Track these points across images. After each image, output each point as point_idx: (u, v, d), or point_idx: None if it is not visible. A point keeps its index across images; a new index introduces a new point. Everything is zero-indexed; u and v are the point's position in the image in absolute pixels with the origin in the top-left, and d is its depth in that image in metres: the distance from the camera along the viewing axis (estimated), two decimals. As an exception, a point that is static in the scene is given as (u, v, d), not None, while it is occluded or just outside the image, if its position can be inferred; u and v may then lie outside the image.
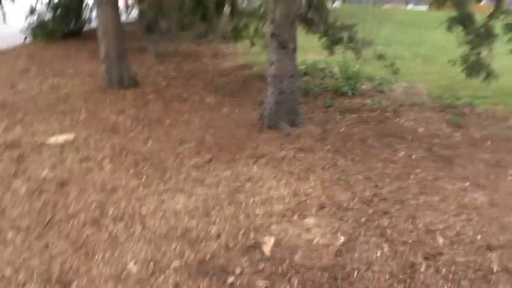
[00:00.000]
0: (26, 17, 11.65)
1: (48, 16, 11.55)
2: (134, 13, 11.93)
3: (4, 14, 10.06)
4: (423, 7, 24.68)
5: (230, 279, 2.74)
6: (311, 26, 6.74)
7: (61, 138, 4.99)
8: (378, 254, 3.02)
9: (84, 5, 11.73)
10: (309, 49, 9.73)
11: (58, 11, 11.35)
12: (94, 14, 8.94)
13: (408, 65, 8.99)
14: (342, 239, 3.15)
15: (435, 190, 3.99)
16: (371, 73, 7.85)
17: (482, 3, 6.31)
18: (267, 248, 3.00)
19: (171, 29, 9.22)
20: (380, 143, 5.12)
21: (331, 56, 7.25)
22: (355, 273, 2.81)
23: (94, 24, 8.48)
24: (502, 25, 5.68)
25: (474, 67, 5.96)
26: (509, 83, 7.50)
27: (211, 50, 10.44)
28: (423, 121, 5.84)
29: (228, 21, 7.98)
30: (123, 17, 11.15)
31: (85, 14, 12.13)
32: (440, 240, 3.20)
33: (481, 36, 5.79)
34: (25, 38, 11.44)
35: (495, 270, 2.87)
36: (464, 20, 5.80)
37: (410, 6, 36.95)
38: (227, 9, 7.43)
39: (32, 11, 11.61)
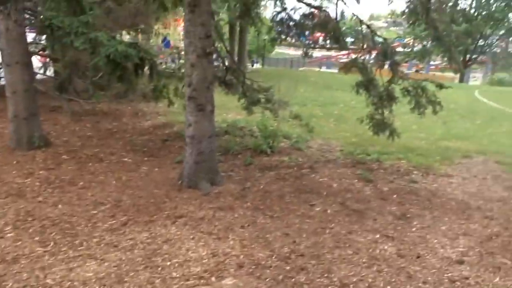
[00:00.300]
0: None
1: None
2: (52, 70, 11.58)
3: None
4: (335, 70, 26.82)
5: None
6: (230, 88, 7.01)
7: (-44, 205, 4.54)
8: (295, 311, 3.05)
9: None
10: (230, 108, 10.04)
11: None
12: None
13: (322, 124, 9.58)
14: (259, 298, 3.15)
15: (348, 243, 4.18)
16: (289, 131, 8.23)
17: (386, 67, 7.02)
18: (183, 314, 2.90)
19: (88, 89, 9.06)
20: (297, 199, 5.30)
21: (251, 116, 7.53)
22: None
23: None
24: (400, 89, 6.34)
25: (379, 125, 6.52)
26: (411, 140, 8.28)
27: (131, 109, 10.35)
28: (337, 176, 6.17)
29: (148, 81, 8.03)
30: (39, 75, 10.77)
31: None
32: (354, 293, 3.31)
33: (383, 99, 6.40)
34: None
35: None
36: (367, 84, 6.39)
37: (323, 68, 40.07)
38: (146, 70, 7.49)
39: None
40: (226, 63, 7.12)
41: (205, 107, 5.24)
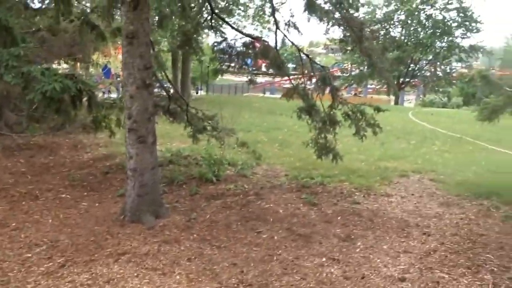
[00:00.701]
0: None
1: None
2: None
3: None
4: (278, 95, 27.45)
5: None
6: (174, 117, 6.93)
7: None
8: None
9: None
10: (175, 137, 9.94)
11: None
12: None
13: (267, 149, 9.69)
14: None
15: (296, 269, 4.21)
16: (234, 158, 8.25)
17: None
18: None
19: (21, 121, 8.61)
20: (244, 227, 5.28)
21: (196, 144, 7.47)
22: None
23: None
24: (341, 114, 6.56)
25: (323, 149, 6.68)
26: (352, 162, 8.56)
27: (70, 141, 9.92)
28: (283, 202, 6.24)
29: (87, 112, 7.78)
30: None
31: None
32: (302, 320, 3.32)
33: (326, 123, 6.57)
34: None
35: None
36: (309, 110, 6.55)
37: (267, 94, 40.94)
38: (85, 101, 7.26)
39: None
40: (171, 92, 7.06)
41: (146, 139, 5.15)
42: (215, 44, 7.01)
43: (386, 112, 6.50)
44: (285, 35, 6.68)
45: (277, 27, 6.63)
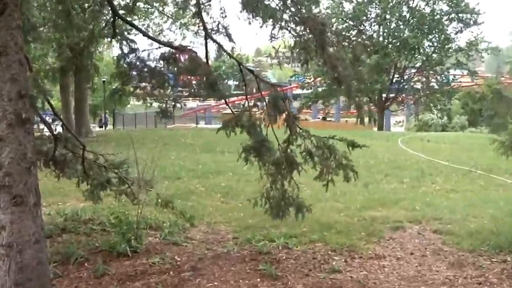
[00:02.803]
0: None
1: None
2: None
3: None
4: (217, 125, 27.74)
5: None
6: (63, 168, 6.70)
7: None
8: None
9: None
10: (69, 193, 9.68)
11: None
12: None
13: (205, 203, 9.67)
14: None
15: None
16: (158, 218, 8.13)
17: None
18: None
19: None
20: (177, 320, 5.17)
21: (99, 203, 7.30)
22: None
23: None
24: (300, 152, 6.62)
25: (279, 205, 6.66)
26: (326, 213, 8.70)
27: None
28: (232, 277, 6.17)
29: None
30: None
31: None
32: None
33: (281, 166, 6.58)
34: None
35: None
36: (258, 148, 6.57)
37: (201, 124, 41.27)
38: None
39: None
40: (57, 130, 6.89)
41: (25, 199, 4.95)
42: (120, 56, 6.92)
43: (369, 142, 6.69)
44: (218, 43, 6.72)
45: (206, 33, 6.67)
